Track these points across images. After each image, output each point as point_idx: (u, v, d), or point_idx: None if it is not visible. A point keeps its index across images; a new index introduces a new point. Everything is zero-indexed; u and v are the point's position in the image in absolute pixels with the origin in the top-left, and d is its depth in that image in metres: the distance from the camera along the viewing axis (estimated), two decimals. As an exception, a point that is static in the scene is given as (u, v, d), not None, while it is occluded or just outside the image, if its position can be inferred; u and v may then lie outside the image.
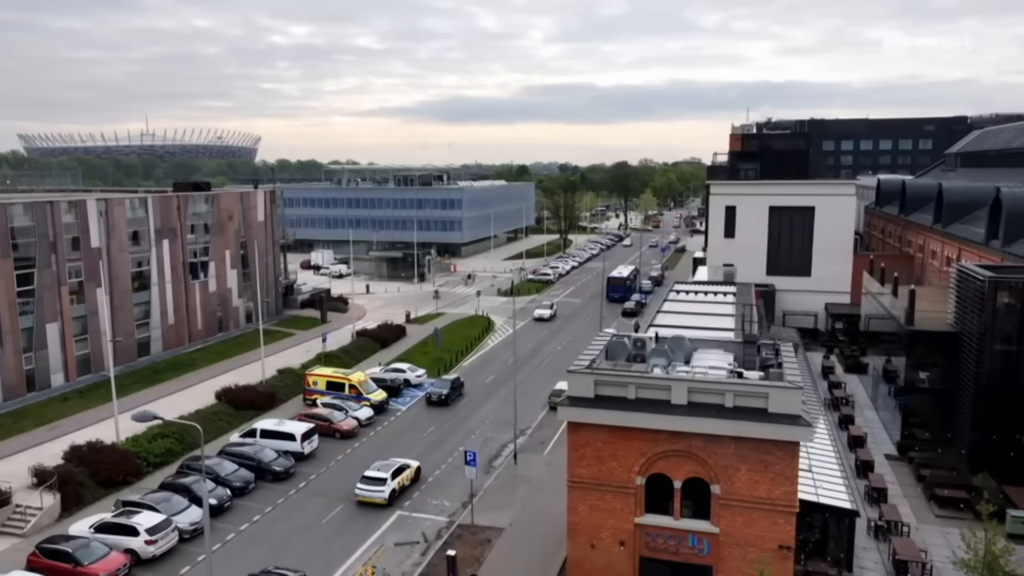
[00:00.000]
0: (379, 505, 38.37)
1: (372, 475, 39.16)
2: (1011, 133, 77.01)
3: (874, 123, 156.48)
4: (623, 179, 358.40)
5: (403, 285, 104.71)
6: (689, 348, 30.39)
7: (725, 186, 77.24)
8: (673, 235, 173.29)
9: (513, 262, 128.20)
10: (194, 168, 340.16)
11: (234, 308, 72.51)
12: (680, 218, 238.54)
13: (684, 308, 48.83)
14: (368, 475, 39.19)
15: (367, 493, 38.71)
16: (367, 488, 38.79)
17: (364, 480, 39.06)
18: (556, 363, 65.13)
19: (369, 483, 38.90)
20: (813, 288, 72.29)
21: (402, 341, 71.19)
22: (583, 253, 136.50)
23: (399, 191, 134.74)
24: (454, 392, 55.26)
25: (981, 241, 52.83)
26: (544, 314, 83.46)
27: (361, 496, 38.75)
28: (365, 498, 38.66)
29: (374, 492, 38.62)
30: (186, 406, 50.28)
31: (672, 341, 30.27)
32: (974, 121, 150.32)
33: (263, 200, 76.10)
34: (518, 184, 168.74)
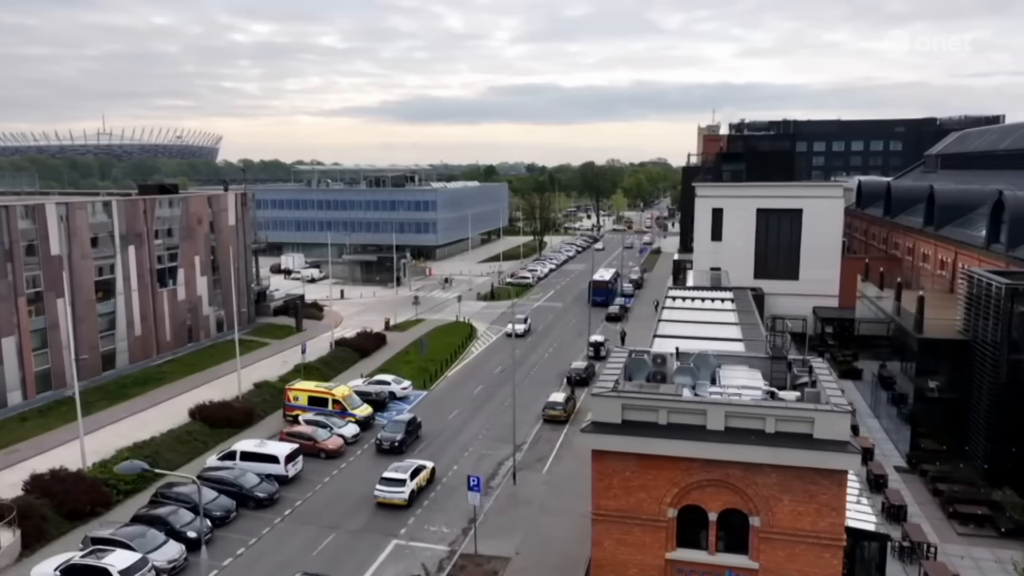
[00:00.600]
0: (399, 506, 38.43)
1: (391, 476, 39.13)
2: (996, 135, 76.89)
3: (846, 124, 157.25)
4: (593, 179, 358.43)
5: (379, 290, 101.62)
6: (714, 365, 28.34)
7: (711, 188, 75.79)
8: (647, 236, 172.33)
9: (489, 265, 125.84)
10: (153, 168, 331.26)
11: (204, 317, 68.93)
12: (651, 219, 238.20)
13: (684, 316, 46.97)
14: (387, 476, 39.19)
15: (387, 495, 38.71)
16: (387, 489, 38.82)
17: (383, 482, 39.07)
18: (545, 371, 62.94)
19: (388, 484, 38.92)
20: (801, 292, 71.05)
21: (383, 350, 68.32)
22: (559, 255, 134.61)
23: (371, 192, 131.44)
24: (410, 435, 46.24)
25: (981, 245, 51.87)
26: (517, 330, 72.59)
27: (381, 498, 38.73)
28: (385, 499, 38.69)
29: (394, 493, 38.70)
30: (157, 425, 46.98)
31: (698, 358, 28.17)
32: (943, 123, 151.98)
33: (234, 203, 72.57)
34: (491, 185, 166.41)
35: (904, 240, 71.44)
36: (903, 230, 71.90)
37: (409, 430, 46.50)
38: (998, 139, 74.64)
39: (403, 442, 45.50)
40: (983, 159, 74.81)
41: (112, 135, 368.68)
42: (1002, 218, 49.95)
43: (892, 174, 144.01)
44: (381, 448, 45.33)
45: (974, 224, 60.30)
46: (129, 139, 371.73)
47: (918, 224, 67.82)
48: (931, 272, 61.75)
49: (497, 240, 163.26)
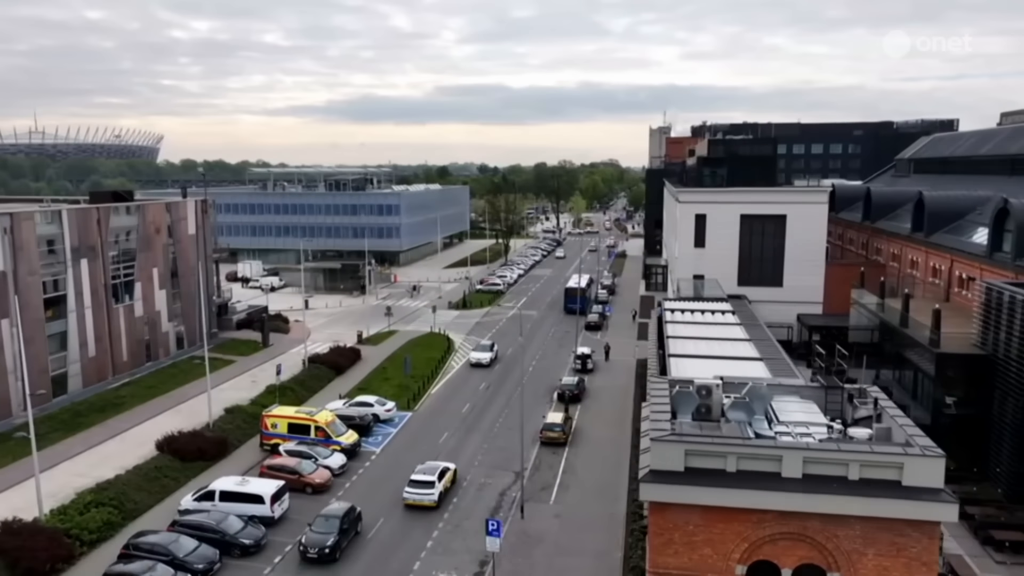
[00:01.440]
0: (428, 508, 38.62)
1: (419, 479, 39.39)
2: (974, 140, 76.92)
3: (806, 127, 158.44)
4: (548, 180, 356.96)
5: (345, 299, 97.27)
6: (768, 398, 25.81)
7: (694, 194, 73.98)
8: (610, 239, 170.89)
9: (456, 270, 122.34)
10: (90, 168, 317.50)
11: (163, 333, 64.01)
12: (610, 220, 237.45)
13: (689, 332, 44.68)
14: (415, 479, 39.45)
15: (416, 496, 38.93)
16: (416, 492, 39.00)
17: (412, 484, 39.28)
18: (533, 385, 59.95)
19: (417, 487, 39.10)
20: (785, 299, 69.72)
21: (358, 366, 64.45)
22: (526, 260, 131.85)
23: (332, 196, 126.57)
24: (345, 535, 34.49)
25: (983, 253, 50.83)
26: (483, 359, 65.21)
27: (410, 500, 38.95)
28: (414, 502, 38.91)
29: (423, 495, 38.90)
30: (120, 459, 42.55)
31: (751, 391, 25.59)
32: (900, 127, 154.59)
33: (194, 210, 67.72)
34: (453, 188, 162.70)
35: (888, 246, 70.70)
36: (886, 235, 71.18)
37: (344, 527, 34.46)
38: (977, 144, 74.59)
39: (337, 546, 33.53)
40: (961, 164, 74.69)
41: (45, 134, 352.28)
42: (1006, 226, 48.94)
43: (852, 177, 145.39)
44: (306, 556, 33.21)
45: (965, 231, 59.62)
46: (64, 138, 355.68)
47: (904, 230, 67.07)
48: (922, 280, 60.85)
49: (460, 244, 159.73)
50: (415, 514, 38.49)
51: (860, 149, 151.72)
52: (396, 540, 36.05)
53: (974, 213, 60.32)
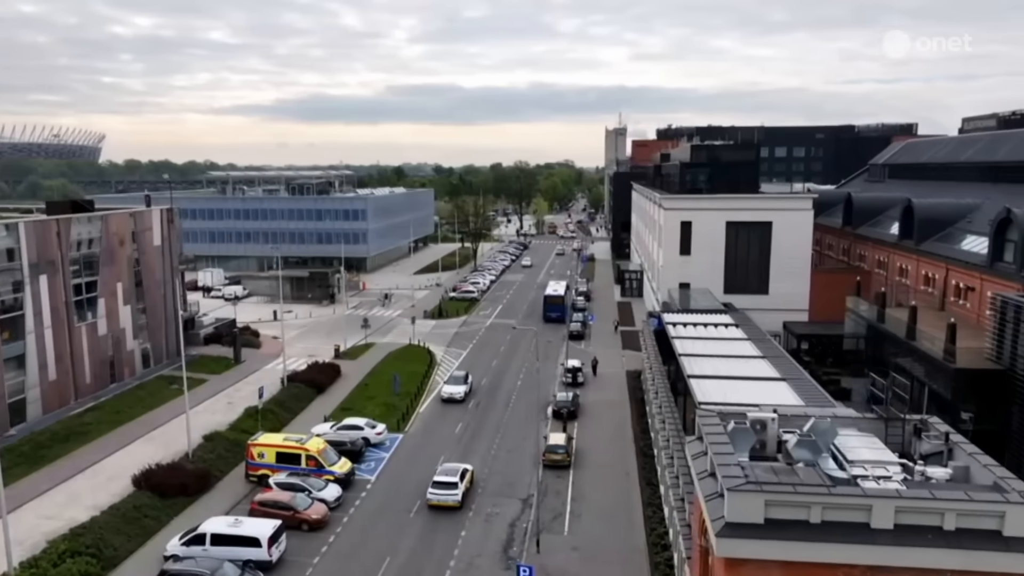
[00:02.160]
0: (452, 508, 39.60)
1: (443, 480, 40.64)
2: (952, 145, 77.31)
3: (770, 131, 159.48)
4: (508, 182, 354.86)
5: (314, 308, 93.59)
6: (831, 433, 24.03)
7: (679, 201, 72.74)
8: (576, 242, 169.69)
9: (426, 276, 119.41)
10: (28, 168, 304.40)
11: (128, 352, 59.94)
12: (573, 223, 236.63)
13: (699, 349, 42.91)
14: (438, 480, 40.64)
15: (440, 497, 39.98)
16: (440, 492, 40.08)
17: (436, 485, 40.40)
18: (523, 400, 57.55)
19: (441, 488, 40.23)
20: (771, 307, 68.73)
21: (339, 384, 61.36)
22: (496, 265, 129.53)
23: (295, 200, 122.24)
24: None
25: (982, 263, 50.41)
26: (456, 392, 57.51)
27: (434, 500, 39.99)
28: (439, 502, 39.99)
29: (447, 495, 40.01)
30: (94, 498, 39.01)
31: (815, 426, 23.80)
32: (861, 130, 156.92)
33: (159, 220, 63.69)
34: (418, 191, 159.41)
35: (873, 252, 70.45)
36: (871, 242, 70.97)
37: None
38: (956, 150, 74.92)
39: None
40: (941, 170, 74.86)
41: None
42: (1007, 235, 48.59)
43: (816, 180, 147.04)
44: None
45: (956, 239, 59.41)
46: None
47: (891, 237, 66.86)
48: (914, 288, 60.46)
49: (425, 248, 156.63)
50: (425, 550, 35.94)
51: (823, 152, 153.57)
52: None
53: (964, 221, 60.22)
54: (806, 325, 67.71)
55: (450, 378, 60.26)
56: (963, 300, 53.19)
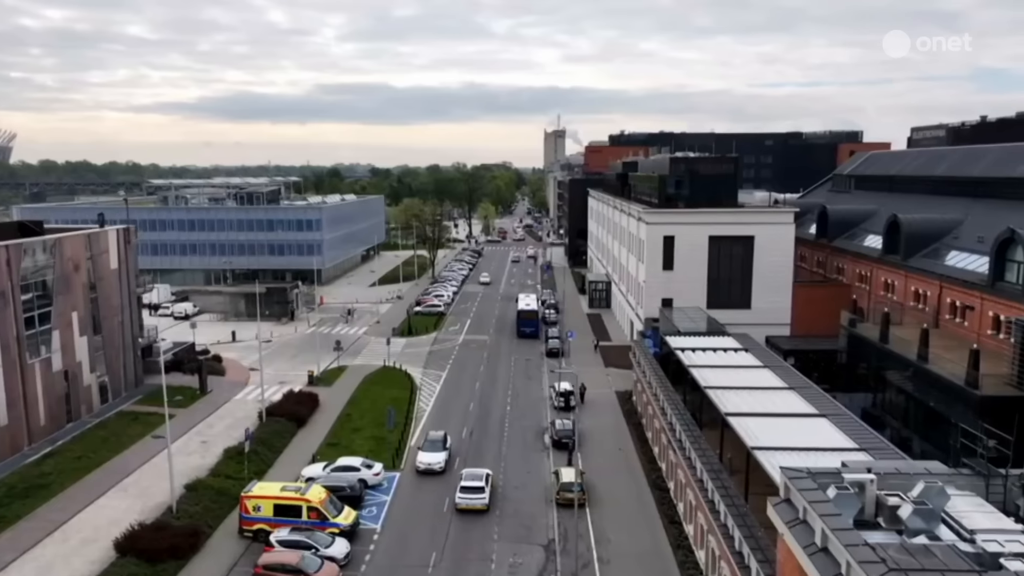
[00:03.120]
0: (481, 511, 42.02)
1: (470, 485, 43.16)
2: (922, 159, 78.32)
3: (720, 137, 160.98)
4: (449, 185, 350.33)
5: (274, 327, 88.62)
6: (943, 497, 22.32)
7: (662, 215, 71.52)
8: (530, 248, 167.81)
9: (386, 289, 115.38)
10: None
11: (86, 387, 54.75)
12: (521, 227, 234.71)
13: (722, 380, 41.20)
14: (465, 485, 43.17)
15: (469, 501, 42.53)
16: (469, 497, 42.66)
17: (463, 490, 42.93)
18: (517, 426, 55.05)
19: (469, 493, 42.82)
20: (753, 321, 68.09)
21: (320, 415, 57.53)
22: (455, 275, 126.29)
23: (245, 210, 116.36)
24: None
25: (982, 282, 50.41)
26: (435, 463, 47.66)
27: (463, 505, 42.49)
28: (468, 506, 42.52)
29: (476, 499, 42.60)
30: (69, 568, 34.57)
31: (928, 492, 22.04)
32: (808, 137, 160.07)
33: (116, 241, 58.51)
34: (370, 198, 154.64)
35: (854, 266, 70.56)
36: (851, 255, 71.09)
37: None
38: (927, 164, 75.84)
39: None
40: (912, 183, 75.62)
41: None
42: (1009, 255, 48.63)
43: (766, 187, 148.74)
44: None
45: (942, 254, 59.72)
46: None
47: (873, 251, 67.00)
48: (902, 304, 60.43)
49: (377, 257, 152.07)
50: (451, 614, 33.04)
51: (772, 159, 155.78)
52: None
53: (949, 236, 60.61)
54: (790, 340, 67.17)
55: (426, 443, 49.73)
56: (960, 319, 53.22)
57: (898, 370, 49.39)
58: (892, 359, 50.38)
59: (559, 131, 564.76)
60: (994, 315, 49.21)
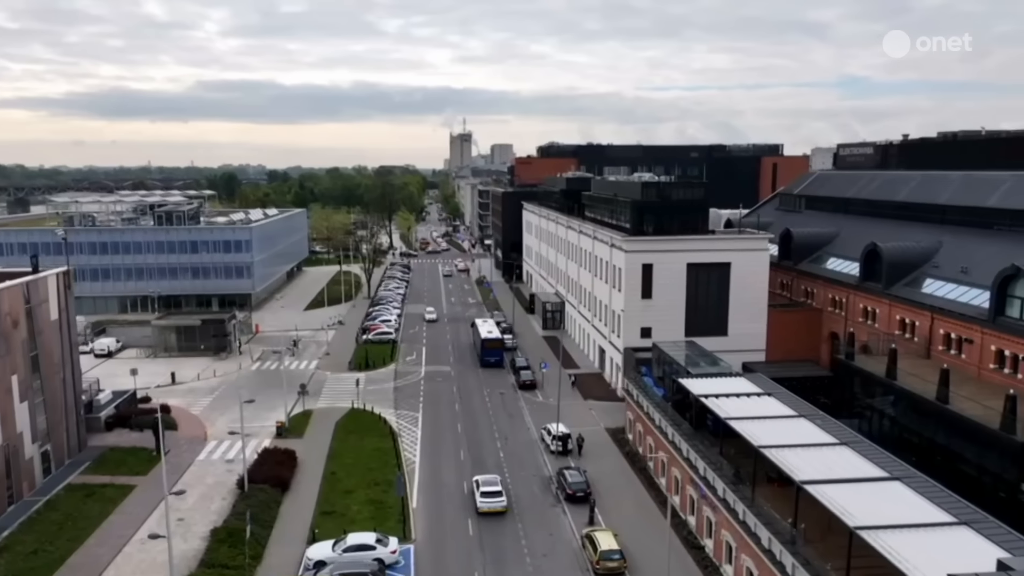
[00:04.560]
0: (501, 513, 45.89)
1: (489, 490, 47.19)
2: (878, 183, 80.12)
3: (648, 149, 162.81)
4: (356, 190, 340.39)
5: (215, 363, 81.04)
6: None
7: (640, 243, 69.78)
8: (459, 261, 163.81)
9: (321, 312, 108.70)
10: None
11: (27, 461, 47.16)
12: (441, 237, 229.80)
13: (769, 435, 39.27)
14: (486, 490, 47.08)
15: (490, 504, 46.39)
16: (490, 501, 46.51)
17: (484, 495, 46.81)
18: (519, 475, 51.67)
19: (489, 497, 46.74)
20: (730, 347, 67.51)
21: (302, 476, 52.08)
22: (392, 294, 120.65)
23: (165, 231, 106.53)
24: None
25: (982, 316, 51.08)
26: None
27: (485, 508, 46.29)
28: (490, 509, 46.31)
29: (496, 502, 46.60)
30: None
31: None
32: (732, 150, 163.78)
33: (56, 287, 50.94)
34: (294, 212, 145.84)
35: (825, 291, 71.12)
36: (822, 280, 71.64)
37: None
38: (886, 188, 77.53)
39: None
40: (870, 206, 77.20)
41: None
42: (1011, 290, 49.40)
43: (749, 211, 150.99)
44: None
45: (922, 283, 60.72)
46: None
47: (849, 278, 67.57)
48: (887, 332, 61.01)
49: (301, 275, 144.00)
50: None
51: (697, 171, 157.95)
52: None
53: (928, 265, 61.71)
54: (767, 366, 66.76)
55: None
56: (955, 351, 53.90)
57: (910, 408, 49.25)
58: (902, 397, 50.13)
59: (464, 134, 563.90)
60: (997, 350, 49.98)
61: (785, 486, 38.07)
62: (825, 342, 71.70)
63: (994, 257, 56.53)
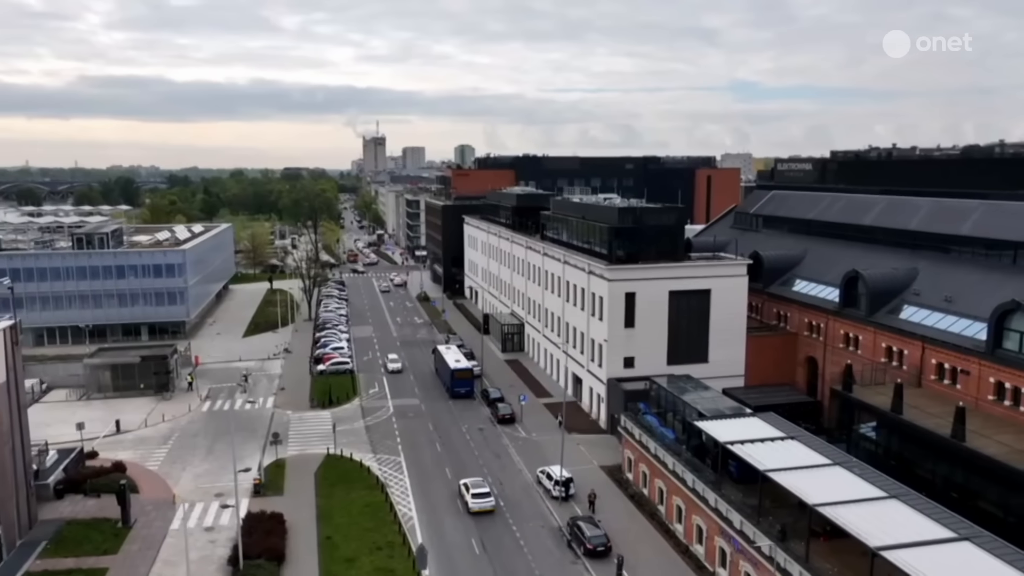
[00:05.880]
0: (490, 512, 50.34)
1: (479, 491, 51.92)
2: (840, 204, 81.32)
3: (585, 161, 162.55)
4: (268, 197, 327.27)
5: (161, 406, 74.06)
6: None
7: (623, 271, 68.27)
8: (396, 276, 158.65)
9: (263, 339, 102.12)
10: None
11: (-22, 551, 40.67)
12: (367, 247, 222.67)
13: (815, 489, 38.16)
14: (476, 492, 51.71)
15: (481, 504, 51.08)
16: (480, 501, 51.19)
17: (475, 496, 51.32)
18: (527, 531, 48.77)
19: (479, 498, 51.40)
20: (710, 374, 67.25)
21: (295, 542, 47.20)
22: (335, 315, 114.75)
23: (87, 255, 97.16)
24: None
25: (980, 349, 51.95)
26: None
27: (477, 508, 50.87)
28: (480, 508, 50.98)
29: (486, 502, 51.34)
30: None
31: None
32: (666, 161, 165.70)
33: (3, 344, 44.37)
34: (221, 228, 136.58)
35: (802, 316, 71.54)
36: (798, 305, 72.04)
37: None
38: (848, 211, 78.65)
39: None
40: (835, 229, 78.37)
41: None
42: (1008, 324, 50.36)
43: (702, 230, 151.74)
44: None
45: (900, 310, 61.73)
46: None
47: (827, 303, 68.14)
48: (871, 360, 61.57)
49: (228, 296, 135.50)
50: None
51: (632, 182, 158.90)
52: None
53: (908, 292, 62.79)
54: (746, 392, 66.44)
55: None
56: (949, 380, 54.73)
57: (921, 444, 49.24)
58: (913, 433, 49.82)
59: (379, 138, 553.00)
60: (996, 382, 50.93)
61: (833, 538, 37.20)
62: (801, 366, 72.29)
63: (975, 286, 58.07)
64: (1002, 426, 48.04)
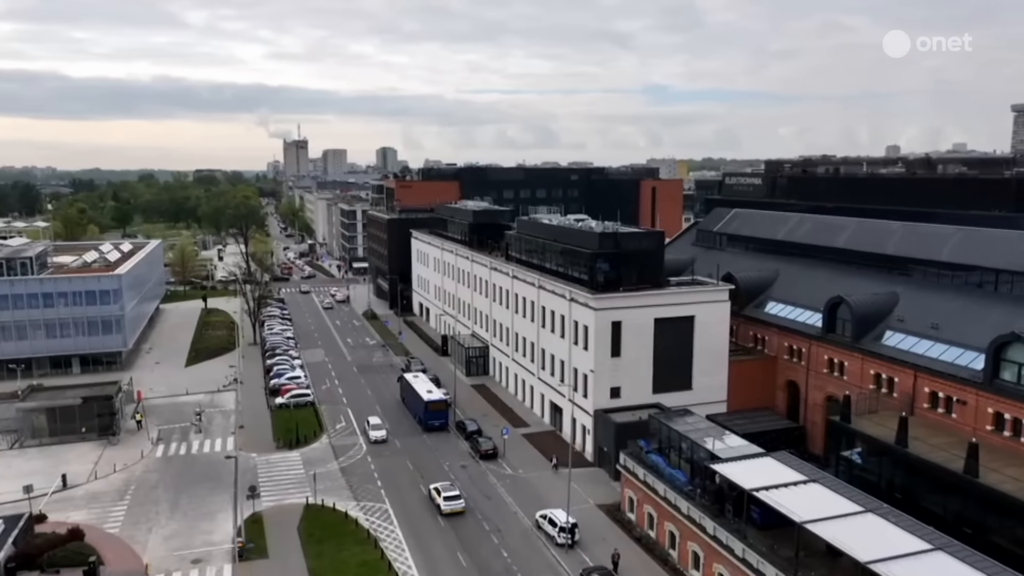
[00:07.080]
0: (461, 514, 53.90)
1: (450, 494, 56.10)
2: (808, 226, 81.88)
3: (529, 171, 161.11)
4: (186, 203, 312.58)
5: (109, 452, 67.53)
6: None
7: (608, 299, 66.46)
8: (337, 291, 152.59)
9: (210, 368, 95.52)
10: None
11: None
12: (298, 257, 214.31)
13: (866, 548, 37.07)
14: (447, 495, 55.85)
15: (452, 505, 55.25)
16: (452, 503, 55.41)
17: (446, 499, 55.50)
18: None
19: (451, 500, 55.58)
20: (694, 401, 66.78)
21: (293, 617, 43.24)
22: (281, 338, 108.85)
23: (10, 282, 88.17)
24: None
25: (976, 379, 52.40)
26: None
27: (449, 509, 55.06)
28: (452, 509, 55.12)
29: (457, 504, 55.52)
30: None
31: None
32: (610, 173, 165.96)
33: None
34: (151, 246, 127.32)
35: (781, 340, 71.51)
36: (777, 329, 71.99)
37: None
38: (820, 232, 79.18)
39: None
40: (806, 250, 78.88)
41: None
42: (1005, 355, 50.98)
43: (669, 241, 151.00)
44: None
45: (883, 336, 62.21)
46: None
47: (811, 328, 68.16)
48: (859, 386, 61.73)
49: (161, 316, 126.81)
50: None
51: (577, 193, 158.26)
52: None
53: (892, 318, 63.35)
54: (729, 418, 65.97)
55: None
56: (944, 410, 55.15)
57: (929, 479, 49.08)
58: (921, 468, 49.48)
59: (300, 141, 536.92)
60: (995, 412, 51.53)
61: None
62: (781, 390, 72.32)
63: (960, 314, 58.92)
64: (1007, 458, 48.39)
